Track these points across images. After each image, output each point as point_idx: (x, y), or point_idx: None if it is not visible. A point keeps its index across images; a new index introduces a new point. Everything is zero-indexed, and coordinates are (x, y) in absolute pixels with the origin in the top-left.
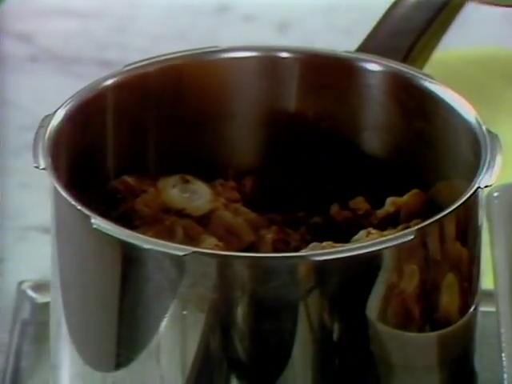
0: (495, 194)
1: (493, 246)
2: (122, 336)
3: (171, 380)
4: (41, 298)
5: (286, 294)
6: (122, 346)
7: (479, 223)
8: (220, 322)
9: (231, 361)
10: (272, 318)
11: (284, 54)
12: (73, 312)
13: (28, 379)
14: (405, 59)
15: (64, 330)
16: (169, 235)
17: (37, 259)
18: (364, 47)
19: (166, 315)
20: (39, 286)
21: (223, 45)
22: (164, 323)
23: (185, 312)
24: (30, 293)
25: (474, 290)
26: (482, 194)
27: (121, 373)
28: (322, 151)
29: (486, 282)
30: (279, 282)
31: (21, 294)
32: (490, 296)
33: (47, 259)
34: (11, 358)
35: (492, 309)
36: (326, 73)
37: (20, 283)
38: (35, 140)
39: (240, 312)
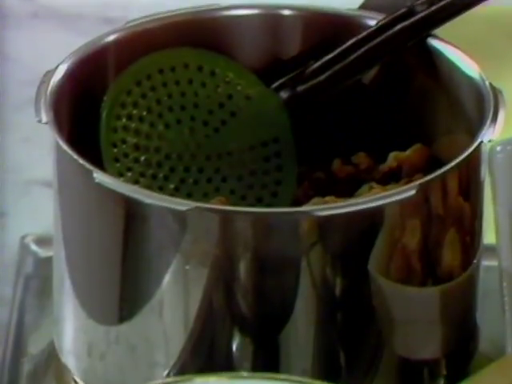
0: (498, 149)
1: (495, 201)
2: (125, 290)
3: (174, 335)
4: (44, 252)
5: (289, 249)
6: (124, 300)
7: (482, 178)
8: (222, 277)
9: (234, 316)
10: (274, 274)
11: (286, 12)
12: (75, 266)
13: (32, 333)
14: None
15: (67, 284)
16: None
17: (40, 213)
18: (367, 4)
19: (169, 270)
20: (42, 240)
21: (225, 2)
22: (166, 278)
23: (187, 267)
24: (33, 247)
25: (476, 244)
26: (485, 148)
27: (124, 327)
28: (324, 107)
29: (488, 236)
30: (281, 238)
31: (24, 248)
32: (492, 250)
33: (50, 213)
34: (15, 312)
35: (494, 263)
36: (328, 30)
37: (23, 237)
38: (37, 95)
39: (242, 267)
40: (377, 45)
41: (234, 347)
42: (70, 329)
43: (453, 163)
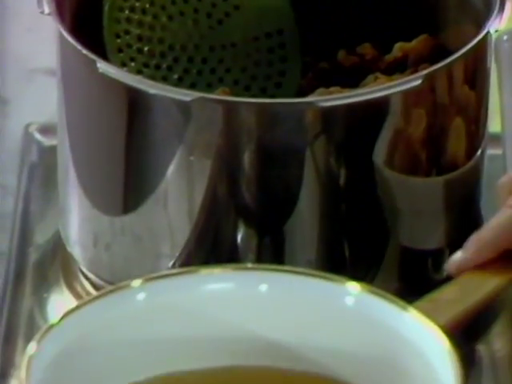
0: (504, 38)
1: (501, 90)
2: (129, 181)
3: (179, 226)
4: (48, 141)
5: (293, 140)
6: (129, 190)
7: (488, 67)
8: (227, 168)
9: (238, 207)
10: (278, 164)
11: None
12: (80, 156)
13: (37, 223)
14: None
15: (71, 174)
16: None
17: (43, 102)
18: None
19: (173, 161)
20: (46, 129)
21: None
22: (171, 169)
23: (192, 158)
24: (37, 135)
25: (482, 133)
26: (491, 38)
27: (129, 217)
28: None
29: (494, 125)
30: (286, 128)
31: (28, 136)
32: (497, 139)
33: (54, 102)
34: (20, 202)
35: (499, 152)
36: None
37: (27, 126)
38: None
39: (246, 158)
40: None
41: (239, 239)
42: (76, 219)
43: (459, 53)
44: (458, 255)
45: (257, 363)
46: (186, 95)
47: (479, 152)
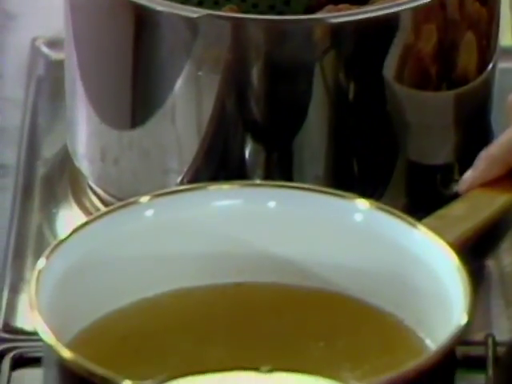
0: None
1: None
2: (137, 95)
3: (187, 141)
4: (55, 55)
5: (302, 55)
6: (137, 105)
7: None
8: (235, 83)
9: (247, 123)
10: (287, 80)
11: None
12: (87, 70)
13: (45, 136)
14: None
15: (79, 88)
16: None
17: (51, 16)
18: None
19: (181, 76)
20: (53, 43)
21: None
22: (179, 84)
23: (200, 73)
24: (45, 49)
25: (493, 47)
26: None
27: (137, 132)
28: None
29: (505, 39)
30: (294, 45)
31: (35, 50)
32: (508, 53)
33: (61, 16)
34: (28, 115)
35: (510, 65)
36: None
37: (34, 39)
38: None
39: (255, 74)
40: None
41: (247, 155)
42: (83, 133)
43: None
44: (468, 174)
45: (264, 280)
46: (192, 12)
47: (490, 66)
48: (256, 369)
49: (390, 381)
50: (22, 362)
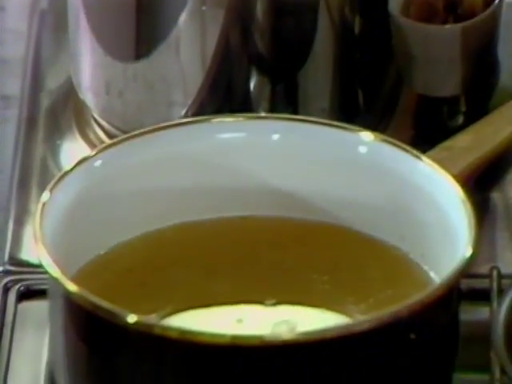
0: None
1: None
2: (141, 28)
3: (191, 74)
4: None
5: None
6: (141, 37)
7: None
8: (240, 16)
9: (251, 56)
10: (292, 13)
11: None
12: (91, 2)
13: (49, 68)
14: None
15: (83, 20)
16: None
17: None
18: None
19: (185, 10)
20: None
21: None
22: (183, 18)
23: (204, 8)
24: None
25: None
26: None
27: (141, 64)
28: None
29: None
30: None
31: None
32: None
33: None
34: (31, 47)
35: None
36: None
37: None
38: None
39: (260, 7)
40: None
41: (252, 87)
42: (88, 66)
43: None
44: None
45: (269, 213)
46: None
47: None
48: (260, 302)
49: (394, 314)
50: (28, 294)
